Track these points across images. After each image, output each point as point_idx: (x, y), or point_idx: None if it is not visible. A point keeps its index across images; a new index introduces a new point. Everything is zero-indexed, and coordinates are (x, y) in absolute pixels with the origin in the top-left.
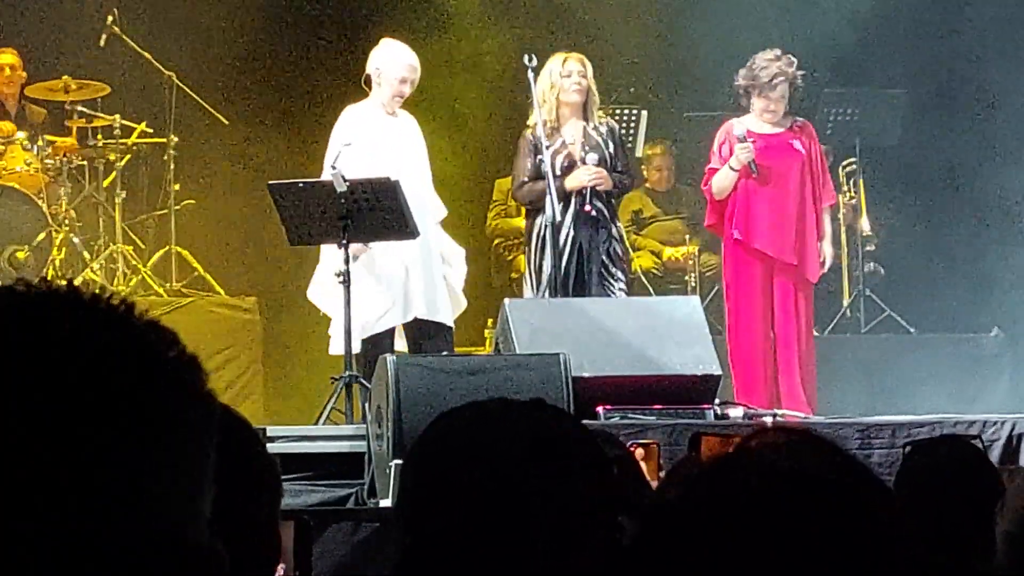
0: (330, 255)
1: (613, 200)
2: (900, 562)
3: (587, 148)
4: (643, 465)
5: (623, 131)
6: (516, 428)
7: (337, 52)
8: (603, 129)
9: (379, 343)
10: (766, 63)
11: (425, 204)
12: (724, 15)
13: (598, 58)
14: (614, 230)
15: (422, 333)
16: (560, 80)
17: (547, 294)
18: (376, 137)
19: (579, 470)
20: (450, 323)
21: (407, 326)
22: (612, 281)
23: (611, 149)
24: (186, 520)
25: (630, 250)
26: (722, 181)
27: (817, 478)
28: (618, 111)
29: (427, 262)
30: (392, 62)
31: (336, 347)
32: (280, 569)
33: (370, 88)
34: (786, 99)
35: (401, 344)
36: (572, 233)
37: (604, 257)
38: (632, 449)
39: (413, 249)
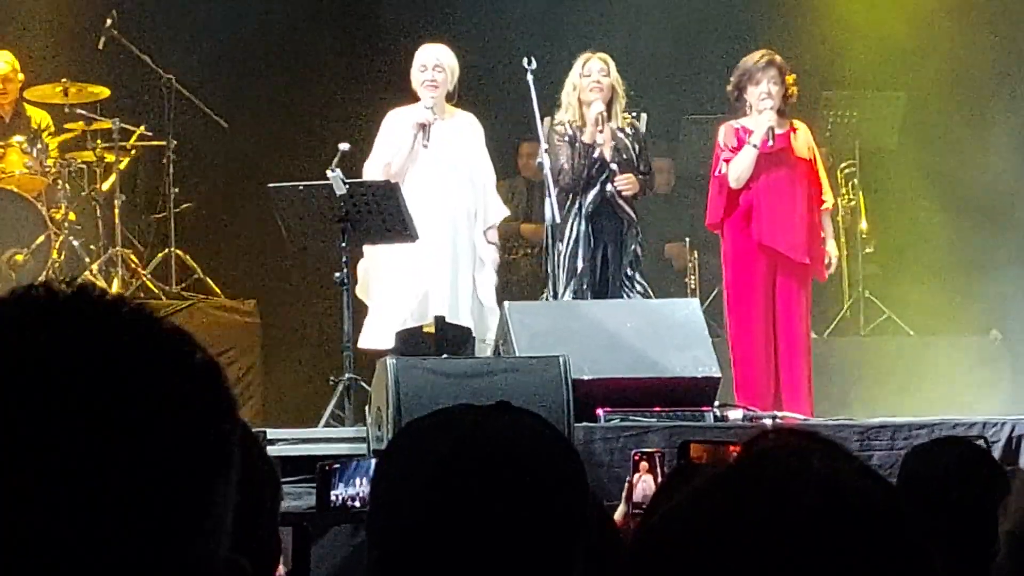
0: (372, 248)
1: (636, 203)
2: (914, 562)
3: (616, 149)
4: (648, 476)
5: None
6: (480, 433)
7: (337, 55)
8: (628, 131)
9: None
10: (751, 55)
11: (464, 206)
12: (725, 18)
13: None
14: (638, 234)
15: (448, 336)
16: (580, 80)
17: (575, 293)
18: (415, 138)
19: (546, 478)
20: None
21: (436, 328)
22: (633, 284)
23: (636, 151)
24: (204, 529)
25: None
26: (741, 164)
27: (833, 481)
28: None
29: (454, 264)
30: (415, 59)
31: (366, 341)
32: (280, 571)
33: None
34: (778, 88)
35: None
36: (596, 235)
37: (627, 261)
38: (636, 458)
39: (442, 249)
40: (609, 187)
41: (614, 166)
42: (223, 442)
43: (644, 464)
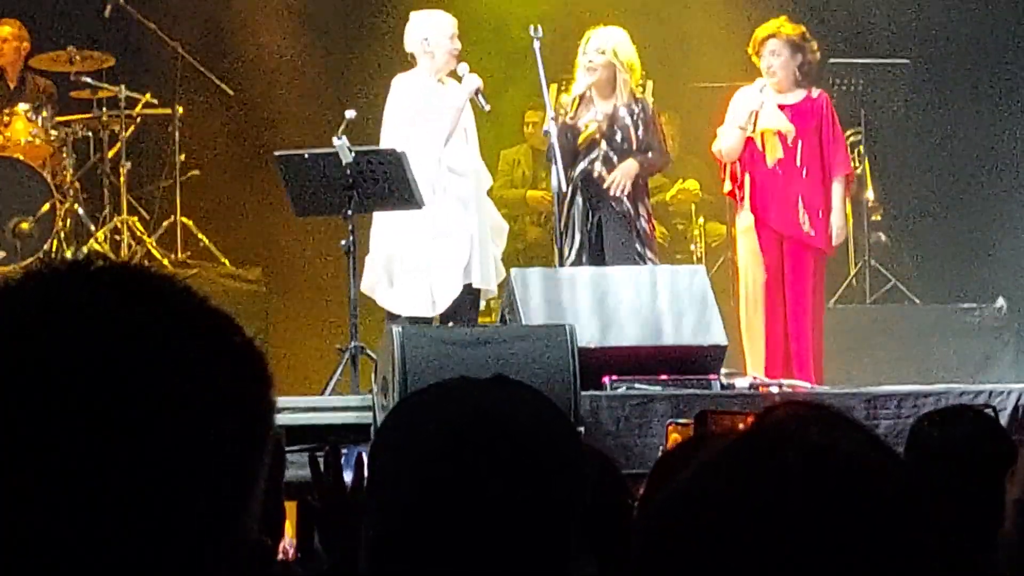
0: (378, 239)
1: (641, 180)
2: (926, 534)
3: (615, 129)
4: None
5: None
6: (476, 408)
7: (344, 21)
8: (635, 108)
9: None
10: (760, 28)
11: (477, 171)
12: None
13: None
14: (642, 210)
15: (460, 302)
16: (581, 57)
17: (574, 264)
18: (431, 106)
19: (543, 454)
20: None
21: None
22: (644, 262)
23: (639, 131)
24: (239, 509)
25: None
26: (727, 141)
27: (849, 454)
28: None
29: (484, 233)
30: (438, 27)
31: (406, 308)
32: (284, 543)
33: (415, 62)
34: (781, 59)
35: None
36: (592, 207)
37: (636, 238)
38: (669, 429)
39: (474, 219)
40: (597, 166)
41: (604, 145)
42: (264, 425)
43: (677, 436)
